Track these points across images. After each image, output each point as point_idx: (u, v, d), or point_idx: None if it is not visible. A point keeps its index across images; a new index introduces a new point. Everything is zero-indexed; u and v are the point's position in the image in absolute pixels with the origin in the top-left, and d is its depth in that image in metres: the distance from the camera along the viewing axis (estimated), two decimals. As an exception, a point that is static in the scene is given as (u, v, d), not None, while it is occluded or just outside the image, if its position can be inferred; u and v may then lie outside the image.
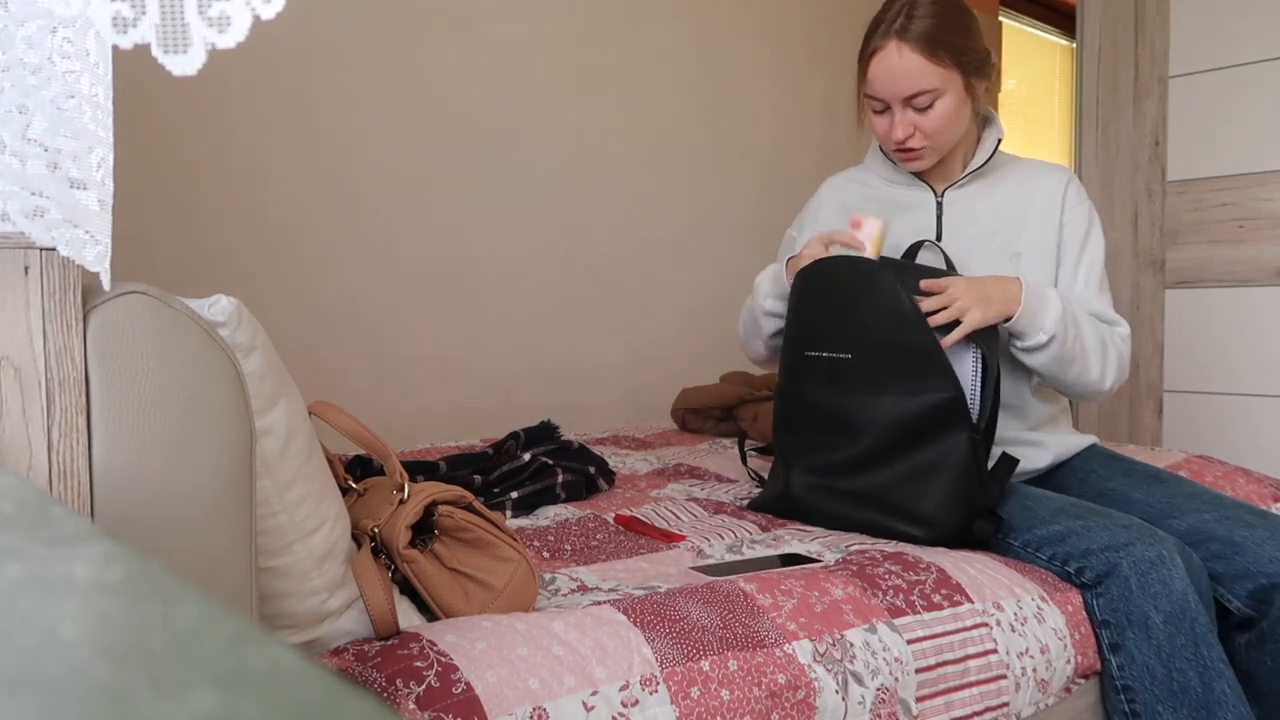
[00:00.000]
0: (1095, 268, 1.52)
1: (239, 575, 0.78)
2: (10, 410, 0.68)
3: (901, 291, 1.32)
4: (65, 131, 0.63)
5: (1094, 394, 1.46)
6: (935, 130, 1.44)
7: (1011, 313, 1.35)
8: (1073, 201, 1.53)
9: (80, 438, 0.70)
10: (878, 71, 1.42)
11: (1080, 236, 1.52)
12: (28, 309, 0.68)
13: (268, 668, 0.25)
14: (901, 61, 1.40)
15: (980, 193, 1.54)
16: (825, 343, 1.39)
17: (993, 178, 1.55)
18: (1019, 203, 1.53)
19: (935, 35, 1.39)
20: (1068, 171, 1.57)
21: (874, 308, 1.34)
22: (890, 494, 1.33)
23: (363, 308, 2.21)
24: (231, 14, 0.55)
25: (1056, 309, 1.37)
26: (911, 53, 1.39)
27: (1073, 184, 1.55)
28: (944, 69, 1.40)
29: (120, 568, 0.34)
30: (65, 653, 0.26)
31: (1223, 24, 2.52)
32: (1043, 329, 1.37)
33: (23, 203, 0.65)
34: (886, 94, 1.43)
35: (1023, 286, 1.37)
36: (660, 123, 2.75)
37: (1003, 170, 1.56)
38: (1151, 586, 1.19)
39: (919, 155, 1.48)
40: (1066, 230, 1.52)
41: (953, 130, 1.46)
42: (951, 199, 1.54)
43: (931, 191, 1.54)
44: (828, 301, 1.40)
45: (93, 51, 0.61)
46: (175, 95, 1.94)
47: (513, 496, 1.54)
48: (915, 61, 1.39)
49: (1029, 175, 1.55)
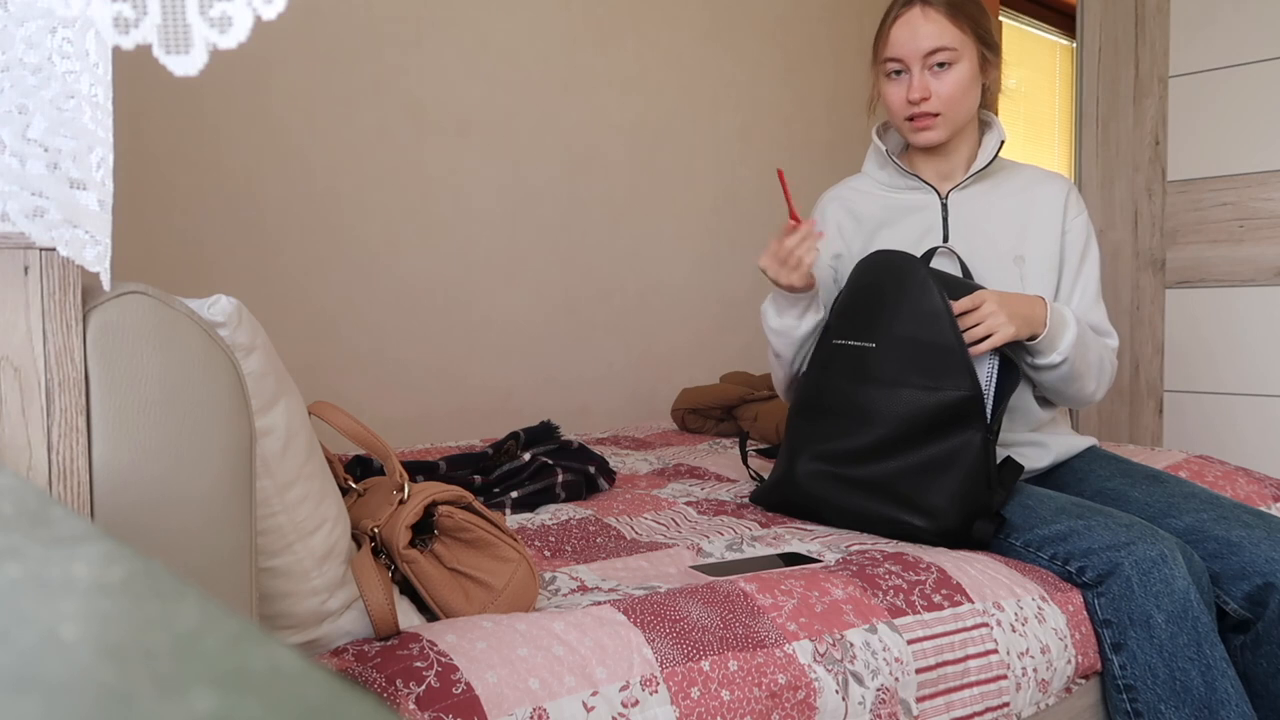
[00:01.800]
0: (1094, 279, 1.55)
1: (239, 575, 0.78)
2: (10, 410, 0.68)
3: (934, 286, 1.35)
4: (65, 131, 0.63)
5: (1084, 404, 1.52)
6: (950, 96, 1.47)
7: (1038, 333, 1.39)
8: (1074, 211, 1.55)
9: (80, 438, 0.70)
10: (900, 32, 1.47)
11: (1081, 247, 1.54)
12: (27, 309, 0.68)
13: (268, 668, 0.25)
14: (925, 20, 1.46)
15: (984, 195, 1.55)
16: (854, 332, 1.42)
17: (994, 180, 1.56)
18: (1022, 207, 1.54)
19: (956, 3, 1.47)
20: (1067, 180, 1.59)
21: (905, 300, 1.37)
22: (897, 484, 1.34)
23: (362, 307, 2.21)
24: (233, 14, 0.55)
25: (1073, 332, 1.41)
26: (936, 13, 1.46)
27: (1073, 193, 1.57)
28: (964, 34, 1.46)
29: (120, 568, 0.34)
30: (65, 653, 0.26)
31: (1223, 24, 2.52)
32: (1058, 350, 1.40)
33: (23, 203, 0.65)
34: (908, 52, 1.46)
35: (1047, 307, 1.40)
36: (660, 123, 2.75)
37: (1004, 174, 1.57)
38: (1153, 586, 1.19)
39: (931, 124, 1.49)
40: (1068, 239, 1.53)
41: (965, 102, 1.49)
42: (956, 200, 1.54)
43: (935, 193, 1.55)
44: (864, 292, 1.43)
45: (93, 52, 0.61)
46: (175, 95, 1.94)
47: (513, 496, 1.54)
48: (939, 21, 1.46)
49: (1030, 181, 1.57)
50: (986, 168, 1.53)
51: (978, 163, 1.53)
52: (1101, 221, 2.74)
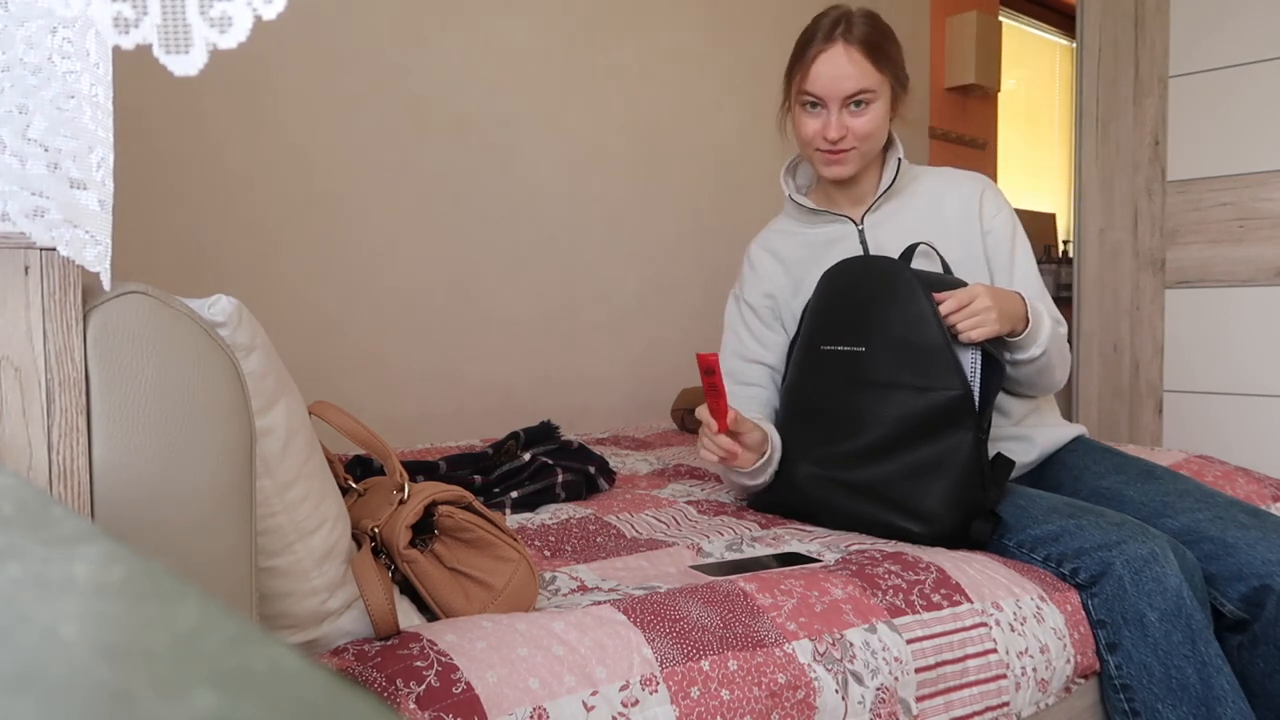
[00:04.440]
0: (1031, 272, 1.55)
1: (239, 575, 0.78)
2: (10, 410, 0.68)
3: (919, 288, 1.36)
4: (65, 131, 0.63)
5: (1052, 391, 1.54)
6: (866, 134, 1.48)
7: (1018, 329, 1.39)
8: (991, 209, 1.55)
9: (80, 438, 0.70)
10: (823, 70, 1.46)
11: (1008, 244, 1.54)
12: (28, 309, 0.68)
13: (268, 668, 0.25)
14: (849, 61, 1.45)
15: (896, 212, 1.56)
16: (841, 337, 1.42)
17: (905, 195, 1.57)
18: (935, 215, 1.55)
19: (875, 41, 1.47)
20: (982, 179, 1.59)
21: (892, 302, 1.37)
22: (892, 488, 1.34)
23: (362, 307, 2.21)
24: (233, 14, 0.55)
25: (1048, 325, 1.43)
26: (858, 54, 1.45)
27: (988, 191, 1.57)
28: (881, 75, 1.47)
29: (120, 568, 0.34)
30: (65, 653, 0.26)
31: (1223, 24, 2.52)
32: (1038, 343, 1.41)
33: (23, 203, 0.65)
34: (829, 92, 1.46)
35: (1026, 303, 1.40)
36: (661, 123, 2.75)
37: (914, 186, 1.58)
38: (1145, 585, 1.19)
39: (845, 159, 1.50)
40: (990, 239, 1.54)
41: (878, 137, 1.51)
42: (872, 223, 1.56)
43: (851, 221, 1.57)
44: (848, 297, 1.43)
45: (93, 52, 0.61)
46: (175, 95, 1.94)
47: (513, 496, 1.54)
48: (861, 64, 1.45)
49: (941, 188, 1.57)
50: (894, 183, 1.55)
51: (883, 182, 1.55)
52: (1102, 221, 2.74)
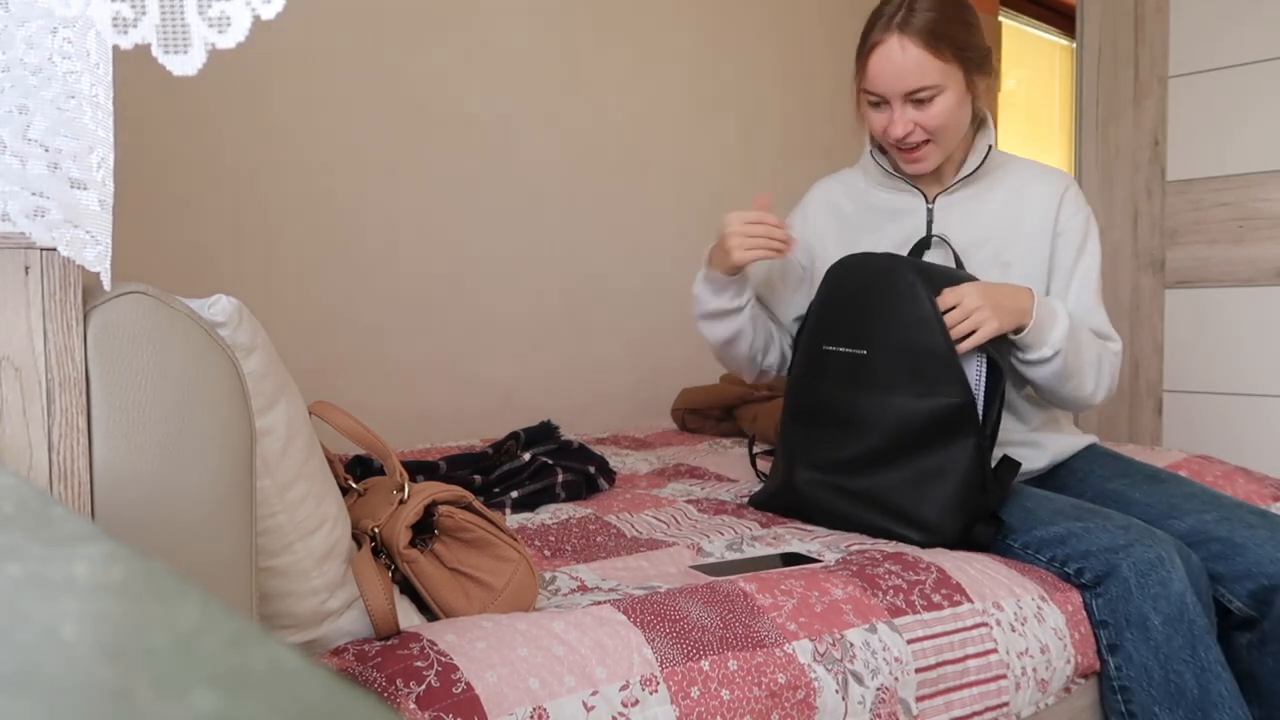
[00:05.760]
0: (1090, 281, 1.48)
1: (239, 575, 0.78)
2: (10, 410, 0.68)
3: (923, 292, 1.32)
4: (65, 131, 0.63)
5: (1083, 407, 1.47)
6: (936, 127, 1.40)
7: (1024, 324, 1.35)
8: (1069, 211, 1.48)
9: (80, 438, 0.70)
10: (878, 66, 1.38)
11: (1075, 248, 1.48)
12: (28, 309, 0.68)
13: (268, 668, 0.25)
14: (904, 56, 1.36)
15: (973, 199, 1.50)
16: (844, 338, 1.38)
17: (986, 183, 1.51)
18: (1013, 210, 1.49)
19: (937, 29, 1.36)
20: (1066, 177, 1.52)
21: (895, 306, 1.33)
22: (893, 496, 1.33)
23: (362, 307, 2.21)
24: (232, 14, 0.55)
25: (1064, 325, 1.36)
26: (914, 46, 1.35)
27: (1070, 190, 1.50)
28: (946, 64, 1.37)
29: (120, 568, 0.34)
30: (65, 652, 0.26)
31: (1223, 24, 2.52)
32: (1049, 344, 1.36)
33: (23, 203, 0.65)
34: (886, 89, 1.39)
35: (1034, 298, 1.36)
36: (661, 123, 2.75)
37: (997, 174, 1.51)
38: (1150, 588, 1.19)
39: (921, 155, 1.43)
40: (1061, 241, 1.47)
41: (955, 128, 1.42)
42: (944, 205, 1.50)
43: (923, 197, 1.51)
44: (852, 297, 1.39)
45: (93, 52, 0.61)
46: (175, 95, 1.94)
47: (513, 496, 1.54)
48: (917, 56, 1.35)
49: (1025, 181, 1.51)
50: (977, 170, 1.48)
51: (966, 167, 1.49)
52: (1102, 221, 2.73)
